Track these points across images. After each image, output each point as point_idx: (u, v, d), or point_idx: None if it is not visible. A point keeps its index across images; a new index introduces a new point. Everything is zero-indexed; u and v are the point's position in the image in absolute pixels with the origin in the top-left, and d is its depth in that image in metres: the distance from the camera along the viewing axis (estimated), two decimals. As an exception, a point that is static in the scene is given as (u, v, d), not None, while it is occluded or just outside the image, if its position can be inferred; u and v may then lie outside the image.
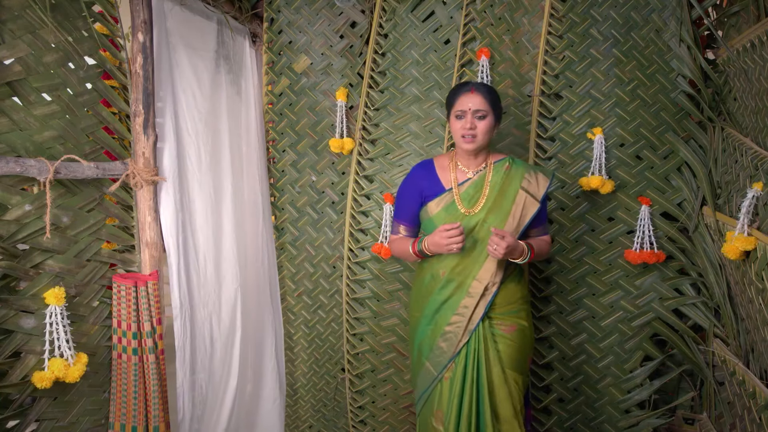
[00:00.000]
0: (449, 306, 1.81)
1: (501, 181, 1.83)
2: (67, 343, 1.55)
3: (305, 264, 2.68)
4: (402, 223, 1.96)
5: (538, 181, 1.85)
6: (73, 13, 1.62)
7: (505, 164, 1.86)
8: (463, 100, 1.79)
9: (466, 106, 1.77)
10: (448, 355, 1.80)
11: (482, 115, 1.77)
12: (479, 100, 1.77)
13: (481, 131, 1.77)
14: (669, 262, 2.20)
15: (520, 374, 1.80)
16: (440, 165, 1.91)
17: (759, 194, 1.63)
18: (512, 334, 1.80)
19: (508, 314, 1.81)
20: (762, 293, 1.62)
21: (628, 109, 2.20)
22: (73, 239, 1.65)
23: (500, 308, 1.81)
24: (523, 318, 1.84)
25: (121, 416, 1.75)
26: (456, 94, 1.82)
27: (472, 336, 1.78)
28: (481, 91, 1.79)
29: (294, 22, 2.58)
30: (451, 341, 1.80)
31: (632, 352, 2.26)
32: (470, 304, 1.78)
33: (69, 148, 1.61)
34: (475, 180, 1.84)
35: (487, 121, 1.78)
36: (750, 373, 1.80)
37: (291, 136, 2.64)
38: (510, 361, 1.78)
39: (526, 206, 1.81)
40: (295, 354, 2.77)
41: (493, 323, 1.80)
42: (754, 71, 1.83)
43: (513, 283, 1.85)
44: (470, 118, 1.77)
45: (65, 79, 1.61)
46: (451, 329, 1.80)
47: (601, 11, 2.21)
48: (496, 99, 1.81)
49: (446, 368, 1.80)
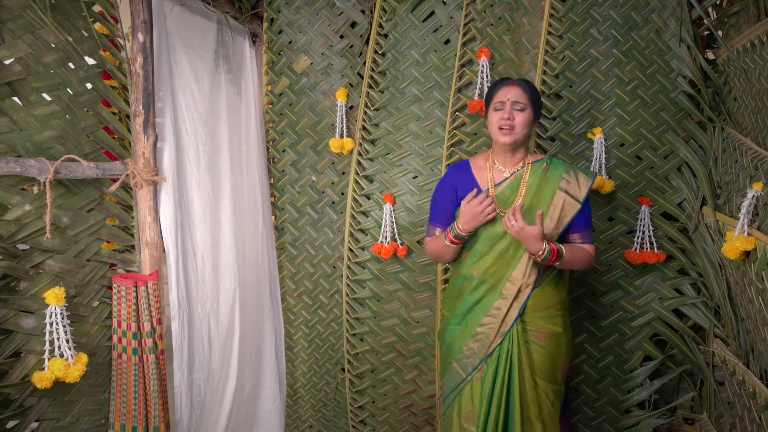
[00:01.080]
0: (481, 307, 1.78)
1: (538, 181, 1.77)
2: (67, 343, 1.55)
3: (305, 264, 2.68)
4: (437, 225, 1.90)
5: (579, 181, 1.77)
6: (73, 13, 1.62)
7: (543, 164, 1.80)
8: (502, 92, 1.76)
9: (506, 97, 1.74)
10: (480, 356, 1.77)
11: (521, 107, 1.73)
12: (519, 92, 1.74)
13: (519, 123, 1.73)
14: (669, 262, 2.20)
15: (550, 383, 1.76)
16: (476, 165, 1.87)
17: (759, 194, 1.63)
18: (544, 342, 1.75)
19: (543, 319, 1.76)
20: (762, 293, 1.61)
21: (628, 109, 2.20)
22: (73, 239, 1.65)
23: (535, 312, 1.76)
24: (558, 324, 1.77)
25: (121, 416, 1.75)
26: (496, 87, 1.80)
27: (505, 338, 1.75)
28: (522, 85, 1.76)
29: (294, 22, 2.58)
30: (482, 342, 1.77)
31: (632, 352, 2.26)
32: (503, 306, 1.75)
33: (69, 148, 1.61)
34: (511, 180, 1.80)
35: (525, 114, 1.74)
36: (750, 373, 1.80)
37: (291, 136, 2.64)
38: (540, 369, 1.74)
39: (564, 207, 1.75)
40: (295, 354, 2.77)
41: (527, 328, 1.76)
42: (754, 71, 1.83)
43: (550, 286, 1.79)
44: (509, 108, 1.73)
45: (65, 79, 1.61)
46: (483, 330, 1.77)
47: (601, 11, 2.21)
48: (536, 95, 1.78)
49: (477, 369, 1.77)
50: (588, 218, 1.81)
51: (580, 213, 1.77)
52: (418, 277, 2.48)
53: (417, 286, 2.48)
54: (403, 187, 2.46)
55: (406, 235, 2.45)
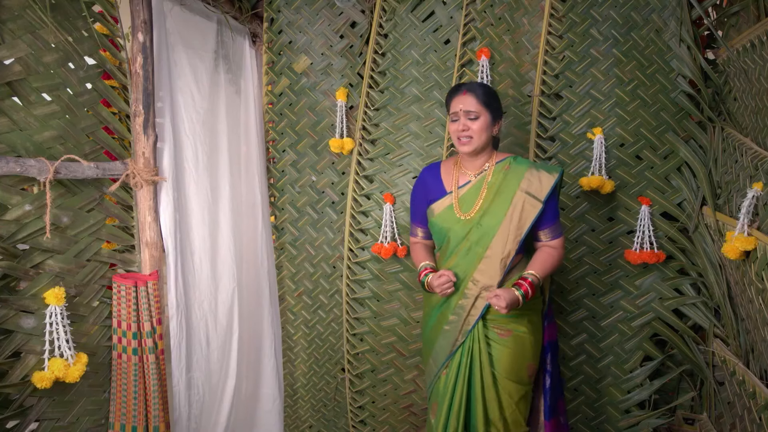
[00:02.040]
0: (447, 305, 1.84)
1: (499, 182, 1.79)
2: (67, 343, 1.55)
3: (305, 264, 2.68)
4: (418, 225, 1.99)
5: (541, 179, 1.77)
6: (73, 13, 1.62)
7: (506, 164, 1.81)
8: (455, 102, 1.79)
9: (458, 107, 1.77)
10: (446, 353, 1.83)
11: (474, 116, 1.75)
12: (471, 101, 1.76)
13: (476, 132, 1.75)
14: (669, 262, 2.20)
15: (514, 382, 1.77)
16: (445, 168, 1.91)
17: (759, 194, 1.63)
18: (506, 340, 1.77)
19: (507, 318, 1.77)
20: (762, 293, 1.61)
21: (628, 109, 2.20)
22: (73, 239, 1.65)
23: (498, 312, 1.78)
24: (523, 324, 1.78)
25: (121, 416, 1.75)
26: (450, 97, 1.83)
27: (468, 336, 1.79)
28: (474, 92, 1.77)
29: (294, 22, 2.58)
30: (448, 339, 1.83)
31: (632, 352, 2.26)
32: (466, 305, 1.79)
33: (69, 148, 1.61)
34: (474, 183, 1.83)
35: (480, 121, 1.75)
36: (750, 373, 1.80)
37: (291, 136, 2.64)
38: (501, 366, 1.76)
39: (525, 208, 1.75)
40: (295, 354, 2.76)
41: (489, 325, 1.79)
42: (754, 71, 1.83)
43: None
44: (463, 120, 1.76)
45: (65, 79, 1.61)
46: (449, 328, 1.82)
47: (601, 11, 2.21)
48: (490, 98, 1.78)
49: (444, 365, 1.84)
50: (553, 214, 1.80)
51: (543, 213, 1.76)
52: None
53: (417, 286, 2.48)
54: (403, 187, 2.46)
55: (406, 235, 2.45)
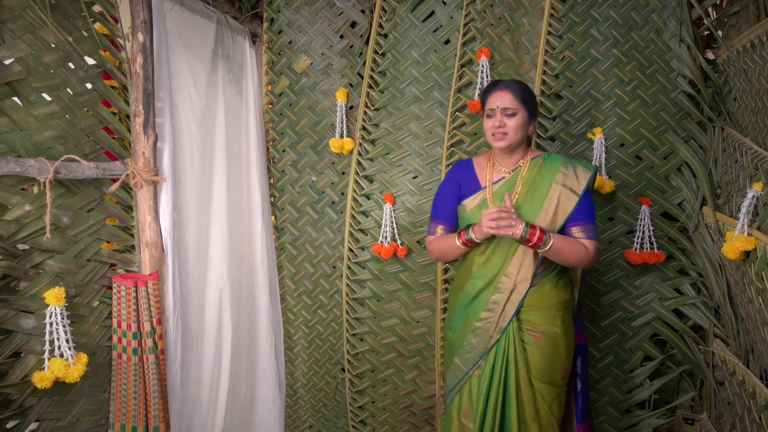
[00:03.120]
0: (479, 302, 1.80)
1: (534, 176, 1.77)
2: (67, 343, 1.55)
3: (305, 264, 2.68)
4: (440, 222, 1.92)
5: (577, 173, 1.76)
6: (73, 13, 1.62)
7: (540, 160, 1.80)
8: (492, 98, 1.78)
9: (495, 104, 1.76)
10: (479, 352, 1.78)
11: (512, 113, 1.75)
12: (508, 98, 1.75)
13: (511, 129, 1.74)
14: (669, 262, 2.20)
15: (548, 384, 1.75)
16: (478, 163, 1.90)
17: (759, 194, 1.63)
18: (541, 342, 1.74)
19: (541, 319, 1.75)
20: (762, 293, 1.62)
21: (628, 109, 2.20)
22: (73, 239, 1.65)
23: (533, 311, 1.76)
24: (557, 326, 1.75)
25: (121, 416, 1.75)
26: (487, 93, 1.82)
27: (502, 335, 1.75)
28: (512, 88, 1.77)
29: (294, 22, 2.58)
30: (481, 337, 1.78)
31: (632, 352, 2.26)
32: (500, 300, 1.76)
33: (69, 148, 1.61)
34: (509, 178, 1.81)
35: (517, 118, 1.75)
36: (750, 373, 1.80)
37: (291, 136, 2.64)
38: (536, 369, 1.74)
39: (561, 200, 1.73)
40: (295, 354, 2.76)
41: (523, 327, 1.76)
42: (754, 71, 1.83)
43: (549, 285, 1.77)
44: (499, 116, 1.75)
45: (65, 79, 1.61)
46: (482, 325, 1.78)
47: (601, 11, 2.21)
48: (527, 95, 1.78)
49: (476, 365, 1.79)
50: (588, 211, 1.76)
51: (579, 205, 1.74)
52: (418, 277, 2.48)
53: (417, 286, 2.48)
54: (403, 187, 2.46)
55: (406, 235, 2.45)
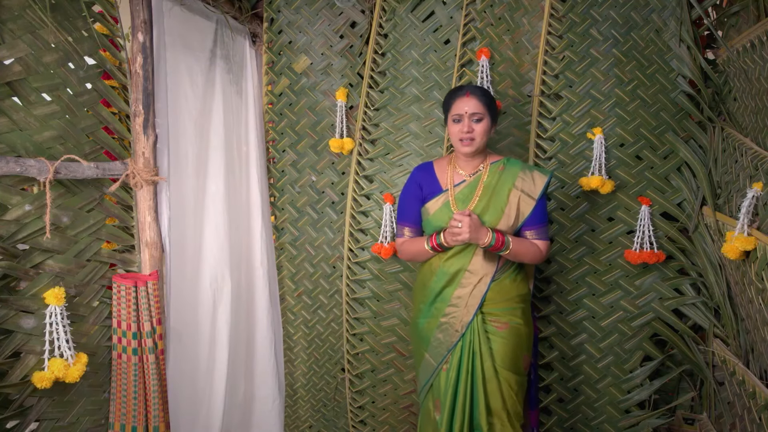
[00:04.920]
0: (443, 298, 1.85)
1: (495, 182, 1.84)
2: (67, 343, 1.55)
3: (305, 264, 2.68)
4: (406, 225, 1.97)
5: (534, 179, 1.84)
6: (73, 13, 1.62)
7: (500, 165, 1.87)
8: (459, 104, 1.80)
9: (463, 110, 1.79)
10: (446, 346, 1.83)
11: (479, 118, 1.79)
12: (475, 103, 1.78)
13: (478, 134, 1.79)
14: (669, 262, 2.20)
15: (513, 373, 1.81)
16: (439, 167, 1.94)
17: (759, 194, 1.63)
18: (505, 332, 1.81)
19: (503, 311, 1.82)
20: (762, 293, 1.62)
21: (628, 109, 2.20)
22: (73, 239, 1.65)
23: (495, 304, 1.82)
24: (518, 316, 1.83)
25: (121, 416, 1.75)
26: (452, 98, 1.84)
27: (467, 328, 1.81)
28: (477, 94, 1.80)
29: (294, 22, 2.57)
30: (447, 332, 1.83)
31: (632, 352, 2.26)
32: (463, 295, 1.81)
33: (69, 148, 1.61)
34: (470, 182, 1.86)
35: (483, 123, 1.80)
36: (750, 373, 1.80)
37: (291, 136, 2.64)
38: (501, 358, 1.80)
39: (520, 205, 1.81)
40: (294, 354, 2.76)
41: (487, 319, 1.82)
42: (753, 71, 1.83)
43: (509, 280, 1.85)
44: (467, 121, 1.78)
45: (65, 79, 1.61)
46: (447, 320, 1.83)
47: (601, 11, 2.21)
48: (491, 101, 1.83)
49: (444, 359, 1.84)
50: (541, 215, 1.85)
51: (534, 210, 1.82)
52: (418, 277, 2.48)
53: (417, 286, 2.48)
54: (403, 187, 2.46)
55: (406, 235, 2.45)
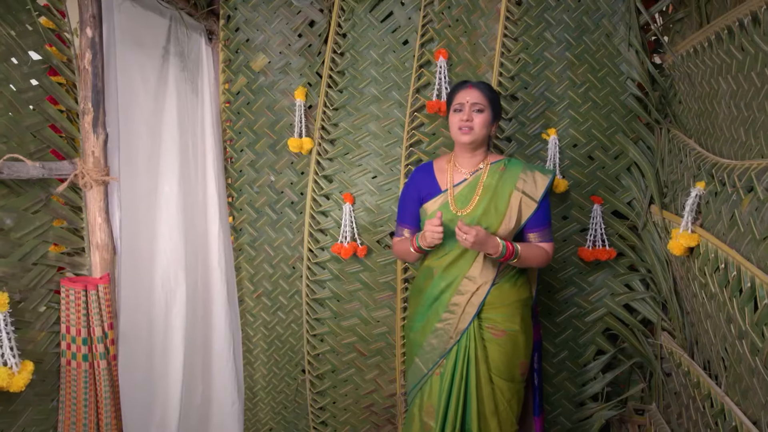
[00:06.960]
0: (440, 303, 1.82)
1: (495, 182, 1.81)
2: (12, 350, 1.49)
3: (264, 265, 2.65)
4: (405, 226, 1.96)
5: (536, 180, 1.82)
6: (16, 5, 1.55)
7: (501, 165, 1.85)
8: (461, 94, 1.82)
9: (464, 99, 1.80)
10: (439, 352, 1.81)
11: (480, 108, 1.79)
12: (477, 94, 1.80)
13: (477, 124, 1.78)
14: (620, 258, 2.28)
15: (507, 381, 1.79)
16: (439, 167, 1.92)
17: (702, 193, 1.70)
18: (501, 339, 1.78)
19: (501, 317, 1.79)
20: (704, 288, 1.69)
21: (581, 111, 2.26)
22: (18, 242, 1.58)
23: (493, 309, 1.79)
24: (516, 323, 1.80)
25: (70, 425, 1.69)
26: (455, 91, 1.85)
27: (463, 335, 1.78)
28: (480, 87, 1.82)
29: (251, 19, 2.54)
30: (441, 338, 1.81)
31: (586, 347, 2.33)
32: (461, 302, 1.79)
33: (12, 147, 1.55)
34: (470, 181, 1.85)
35: (484, 115, 1.79)
36: (695, 364, 1.88)
37: (249, 135, 2.60)
38: (496, 366, 1.78)
39: (521, 208, 1.79)
40: (254, 356, 2.72)
41: (484, 325, 1.79)
42: (696, 75, 1.91)
43: (508, 285, 1.82)
44: (468, 110, 1.78)
45: (8, 75, 1.54)
46: (442, 326, 1.81)
47: (554, 15, 2.26)
48: (494, 97, 1.84)
49: (437, 365, 1.81)
50: (545, 217, 1.84)
51: (537, 212, 1.81)
52: (378, 277, 2.48)
53: (377, 286, 2.49)
54: (363, 187, 2.46)
55: (366, 234, 2.46)
